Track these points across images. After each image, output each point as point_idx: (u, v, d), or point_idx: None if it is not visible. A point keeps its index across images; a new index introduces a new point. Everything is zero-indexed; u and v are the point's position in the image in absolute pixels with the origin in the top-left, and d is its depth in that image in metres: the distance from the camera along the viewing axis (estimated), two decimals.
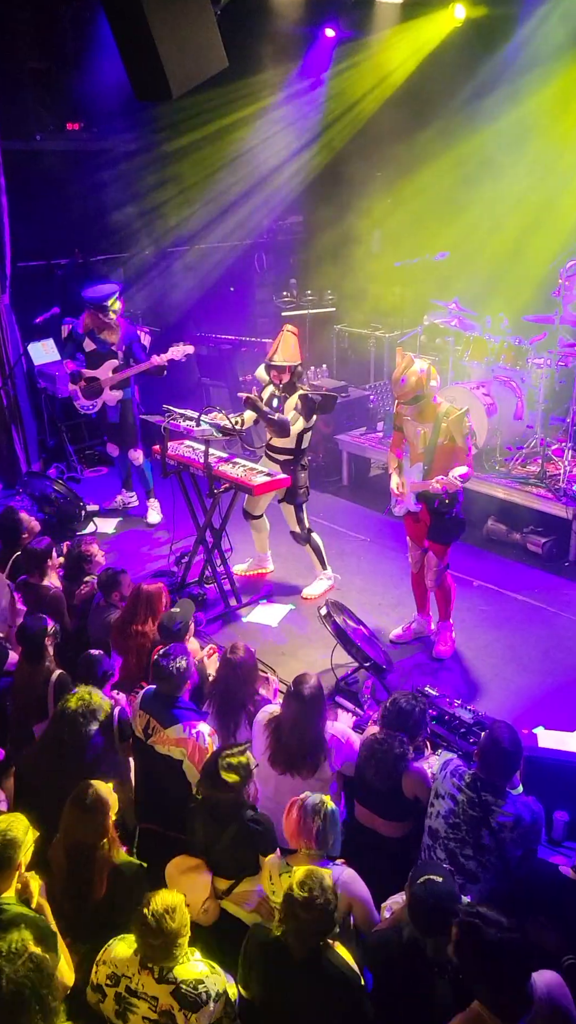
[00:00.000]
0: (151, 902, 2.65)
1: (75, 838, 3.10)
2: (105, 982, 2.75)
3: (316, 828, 3.07)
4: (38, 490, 7.24)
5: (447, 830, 3.38)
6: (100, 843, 3.10)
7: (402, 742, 3.62)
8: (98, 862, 3.09)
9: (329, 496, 7.85)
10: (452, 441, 4.94)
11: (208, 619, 5.80)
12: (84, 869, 3.08)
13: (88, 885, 3.08)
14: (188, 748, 3.71)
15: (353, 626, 5.14)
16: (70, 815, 3.13)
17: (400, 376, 4.88)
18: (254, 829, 3.26)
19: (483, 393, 7.19)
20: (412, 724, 3.67)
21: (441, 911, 2.72)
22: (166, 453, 5.98)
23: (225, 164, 9.52)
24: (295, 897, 2.66)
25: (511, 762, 3.42)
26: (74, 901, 3.11)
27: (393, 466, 5.31)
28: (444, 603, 5.43)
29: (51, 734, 3.76)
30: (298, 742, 3.69)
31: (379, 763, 3.62)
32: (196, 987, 2.65)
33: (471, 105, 8.57)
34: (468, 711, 4.49)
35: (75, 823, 3.11)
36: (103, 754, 3.72)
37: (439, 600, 5.45)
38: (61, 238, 8.66)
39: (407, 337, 8.37)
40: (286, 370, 5.75)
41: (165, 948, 2.65)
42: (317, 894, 2.64)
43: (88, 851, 3.08)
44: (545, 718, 4.69)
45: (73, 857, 3.10)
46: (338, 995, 2.68)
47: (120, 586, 4.94)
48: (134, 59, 4.15)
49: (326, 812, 3.10)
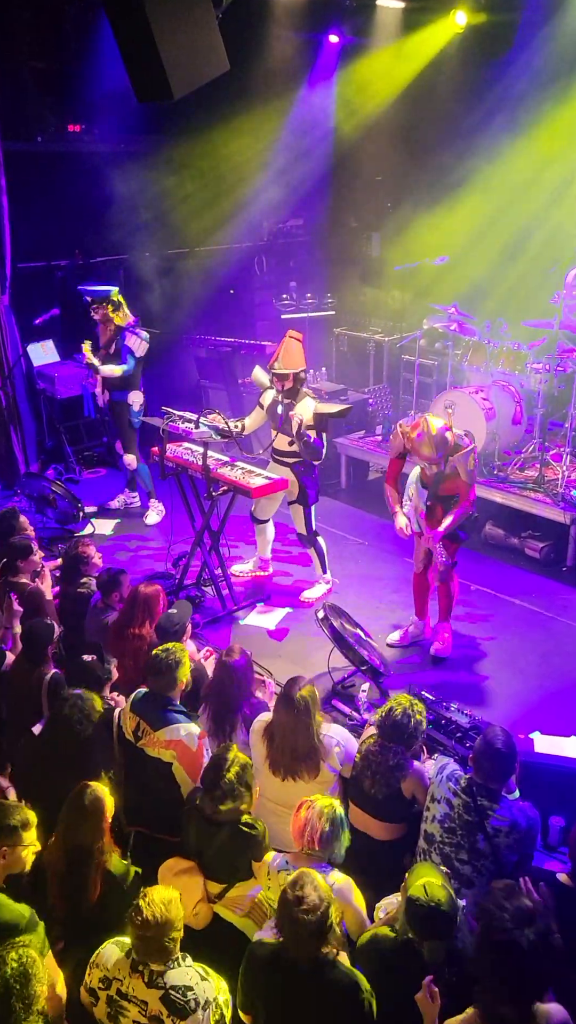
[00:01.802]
0: (146, 895, 2.65)
1: (73, 840, 3.10)
2: (97, 985, 2.74)
3: (322, 831, 3.08)
4: (36, 491, 7.24)
5: (443, 834, 3.37)
6: (97, 845, 3.10)
7: (397, 753, 3.62)
8: (94, 864, 3.09)
9: (327, 499, 7.84)
10: (457, 475, 4.99)
11: (205, 621, 5.79)
12: (80, 871, 3.08)
13: (83, 888, 3.07)
14: (178, 751, 3.70)
15: (350, 629, 5.13)
16: (68, 817, 3.13)
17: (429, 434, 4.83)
18: (247, 833, 3.25)
19: (482, 398, 7.20)
20: (408, 736, 3.65)
21: (439, 915, 2.71)
22: (164, 455, 5.98)
23: (226, 167, 9.54)
24: (288, 898, 2.66)
25: (506, 766, 3.41)
26: (68, 904, 3.10)
27: (395, 501, 5.25)
28: (446, 602, 5.42)
29: (47, 737, 3.75)
30: (292, 746, 3.67)
31: (375, 774, 3.62)
32: (185, 993, 2.64)
33: (471, 110, 8.59)
34: (464, 715, 4.48)
35: (73, 825, 3.11)
36: (100, 756, 3.71)
37: (441, 598, 5.43)
38: (61, 239, 8.66)
39: (406, 341, 8.38)
40: (289, 377, 5.73)
41: (158, 941, 2.63)
42: (309, 893, 2.63)
43: (85, 853, 3.08)
44: (542, 723, 4.68)
45: (70, 859, 3.09)
46: (344, 999, 2.65)
47: (120, 587, 4.92)
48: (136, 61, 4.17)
49: (335, 817, 3.11)
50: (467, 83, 8.57)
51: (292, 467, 5.91)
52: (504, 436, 7.28)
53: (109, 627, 4.72)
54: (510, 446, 7.38)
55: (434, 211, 8.84)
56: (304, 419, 5.66)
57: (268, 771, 3.69)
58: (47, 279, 8.77)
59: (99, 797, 3.14)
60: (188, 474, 6.01)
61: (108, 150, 8.80)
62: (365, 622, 5.52)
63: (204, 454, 5.70)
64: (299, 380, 5.78)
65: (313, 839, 3.09)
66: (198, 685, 4.24)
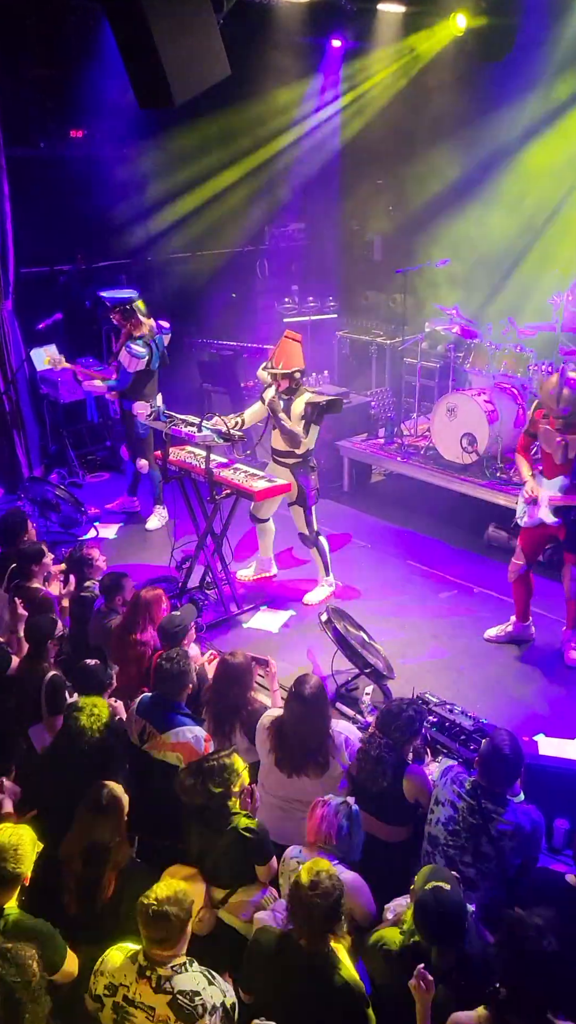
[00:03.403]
0: (153, 891, 2.67)
1: (91, 839, 3.12)
2: (103, 992, 2.74)
3: (340, 825, 3.13)
4: (39, 495, 7.25)
5: (447, 837, 3.37)
6: (114, 843, 3.12)
7: (381, 745, 3.61)
8: (111, 863, 3.11)
9: (330, 502, 7.85)
10: None
11: (208, 625, 5.80)
12: (96, 870, 3.10)
13: (97, 886, 3.09)
14: (185, 753, 3.70)
15: (354, 632, 5.13)
16: (85, 816, 3.16)
17: (559, 388, 4.74)
18: (248, 838, 3.25)
19: (484, 400, 7.20)
20: (396, 727, 3.65)
21: (448, 919, 2.72)
22: (167, 459, 5.99)
23: (228, 171, 9.55)
24: (301, 883, 2.70)
25: (511, 769, 3.41)
26: (83, 902, 3.12)
27: (526, 471, 5.18)
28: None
29: (60, 744, 3.74)
30: (302, 743, 3.68)
31: (360, 764, 3.65)
32: (193, 998, 2.64)
33: (473, 113, 8.60)
34: (469, 718, 4.48)
35: (90, 824, 3.14)
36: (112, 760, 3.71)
37: (572, 610, 5.36)
38: (64, 244, 8.68)
39: (408, 344, 8.38)
40: (287, 376, 5.77)
41: (169, 939, 2.64)
42: (323, 879, 2.69)
43: (103, 851, 3.10)
44: (546, 725, 4.68)
45: (88, 858, 3.11)
46: (342, 1005, 2.67)
47: (122, 590, 4.93)
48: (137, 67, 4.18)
49: (351, 813, 3.17)
50: (468, 86, 8.58)
51: (291, 468, 5.92)
52: (506, 438, 7.27)
53: (112, 632, 4.73)
54: (513, 448, 7.36)
55: (436, 214, 8.86)
56: (296, 411, 5.70)
57: (274, 767, 3.70)
58: (50, 284, 8.79)
59: (116, 796, 3.19)
60: (191, 478, 6.02)
61: (110, 155, 8.83)
62: (368, 624, 5.52)
63: (207, 458, 5.71)
64: (295, 380, 5.81)
65: (330, 834, 3.12)
66: (199, 688, 4.25)
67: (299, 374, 5.83)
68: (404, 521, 7.41)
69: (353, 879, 3.14)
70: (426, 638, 5.72)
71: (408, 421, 8.30)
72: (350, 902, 3.06)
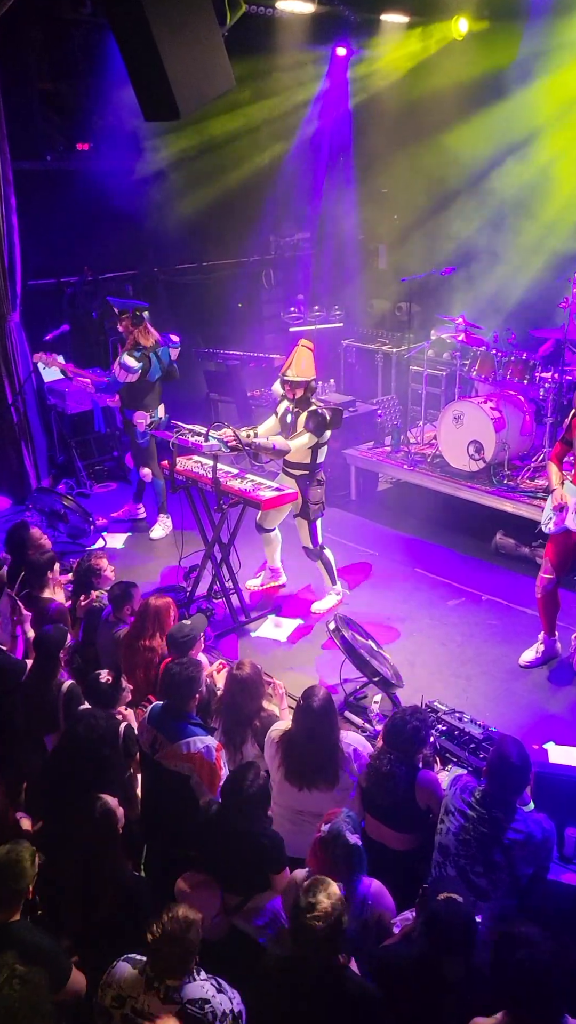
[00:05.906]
0: (173, 910, 2.65)
1: (85, 852, 3.11)
2: (111, 1004, 2.72)
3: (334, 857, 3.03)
4: (47, 506, 7.27)
5: (457, 847, 3.35)
6: (108, 856, 3.11)
7: (391, 760, 3.60)
8: (106, 876, 3.09)
9: (337, 511, 7.84)
10: None
11: (216, 634, 5.79)
12: (93, 883, 3.09)
13: (95, 900, 3.08)
14: (195, 763, 3.70)
15: (362, 641, 5.12)
16: (80, 829, 3.14)
17: None
18: (263, 845, 3.25)
19: (491, 408, 7.19)
20: (405, 740, 3.64)
21: (460, 930, 2.70)
22: (175, 469, 6.01)
23: (233, 181, 9.60)
24: (300, 904, 2.67)
25: (520, 778, 3.39)
26: (81, 916, 3.10)
27: (556, 479, 5.16)
28: None
29: (61, 754, 3.75)
30: (311, 756, 3.67)
31: (369, 778, 3.62)
32: (202, 1007, 2.63)
33: (475, 119, 8.62)
34: (477, 726, 4.46)
35: (85, 837, 3.12)
36: (110, 772, 3.71)
37: None
38: (70, 256, 8.73)
39: (414, 352, 8.39)
40: (300, 385, 5.75)
41: (182, 959, 2.63)
42: (322, 900, 2.64)
43: (97, 865, 3.09)
44: (555, 733, 4.65)
45: (83, 871, 3.10)
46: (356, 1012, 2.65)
47: (131, 600, 4.93)
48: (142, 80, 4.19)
49: (345, 844, 3.05)
50: (470, 91, 8.61)
51: (298, 479, 5.92)
52: (513, 445, 7.27)
53: (121, 640, 4.73)
54: (519, 455, 7.36)
55: (441, 223, 8.87)
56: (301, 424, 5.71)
57: (284, 780, 3.68)
58: (57, 296, 8.85)
59: (110, 809, 3.17)
60: (198, 487, 6.03)
61: (116, 168, 8.89)
62: (376, 633, 5.51)
63: (214, 467, 5.72)
64: (310, 390, 5.80)
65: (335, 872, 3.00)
66: (208, 698, 4.25)
67: (313, 384, 5.79)
68: (411, 529, 7.40)
69: (379, 890, 3.13)
70: (434, 646, 5.70)
71: (414, 429, 8.30)
72: (378, 912, 3.07)
